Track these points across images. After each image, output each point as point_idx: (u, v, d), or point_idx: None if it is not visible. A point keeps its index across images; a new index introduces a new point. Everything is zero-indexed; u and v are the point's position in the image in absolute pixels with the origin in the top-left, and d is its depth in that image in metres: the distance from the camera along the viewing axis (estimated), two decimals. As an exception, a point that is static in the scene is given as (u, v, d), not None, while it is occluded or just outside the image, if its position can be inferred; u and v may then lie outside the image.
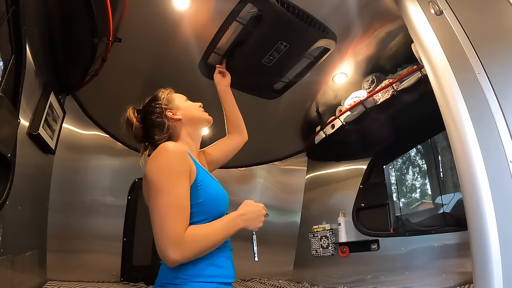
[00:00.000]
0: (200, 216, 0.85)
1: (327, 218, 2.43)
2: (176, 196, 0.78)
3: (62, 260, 1.85)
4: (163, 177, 0.79)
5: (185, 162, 0.84)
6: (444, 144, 2.28)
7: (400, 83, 1.75)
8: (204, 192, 0.86)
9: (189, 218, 0.82)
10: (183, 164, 0.83)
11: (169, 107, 1.03)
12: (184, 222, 0.77)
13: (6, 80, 1.13)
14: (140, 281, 2.13)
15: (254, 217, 0.88)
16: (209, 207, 0.86)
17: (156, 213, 0.77)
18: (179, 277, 0.80)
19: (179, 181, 0.80)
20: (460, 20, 1.11)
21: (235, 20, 1.53)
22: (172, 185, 0.79)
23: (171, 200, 0.77)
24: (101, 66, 1.73)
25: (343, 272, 2.19)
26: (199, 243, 0.78)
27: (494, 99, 0.97)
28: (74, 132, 2.10)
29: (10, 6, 1.09)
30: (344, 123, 2.11)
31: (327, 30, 1.62)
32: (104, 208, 2.18)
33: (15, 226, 1.31)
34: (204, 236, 0.79)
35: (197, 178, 0.86)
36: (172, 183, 0.79)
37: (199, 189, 0.86)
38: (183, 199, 0.79)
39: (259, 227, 0.89)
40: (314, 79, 2.05)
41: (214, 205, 0.88)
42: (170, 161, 0.82)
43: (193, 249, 0.76)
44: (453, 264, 1.56)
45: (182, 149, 0.86)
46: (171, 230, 0.74)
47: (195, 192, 0.84)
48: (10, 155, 1.16)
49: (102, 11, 1.39)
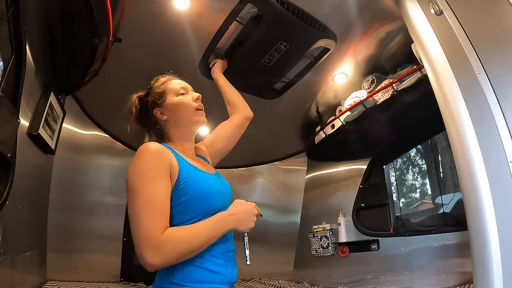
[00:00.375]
0: (189, 214, 0.81)
1: (327, 218, 2.43)
2: (151, 198, 0.74)
3: (62, 260, 1.85)
4: (137, 179, 0.76)
5: (163, 161, 0.80)
6: (444, 144, 2.28)
7: (400, 83, 1.75)
8: (189, 189, 0.82)
9: (178, 217, 0.80)
10: (160, 164, 0.79)
11: (158, 104, 0.96)
12: (160, 222, 0.73)
13: (6, 80, 1.13)
14: (140, 281, 2.13)
15: (244, 217, 0.82)
16: (197, 204, 0.82)
17: (132, 216, 0.74)
18: (173, 282, 0.78)
19: (154, 182, 0.76)
20: (460, 20, 1.11)
21: (235, 20, 1.53)
22: (146, 186, 0.75)
23: (145, 202, 0.73)
24: (101, 66, 1.73)
25: (343, 272, 2.19)
26: (178, 246, 0.72)
27: (494, 99, 0.97)
28: (74, 132, 2.10)
29: (10, 6, 1.09)
30: (344, 123, 2.11)
31: (327, 30, 1.62)
32: (104, 208, 2.18)
33: (15, 226, 1.31)
34: (184, 238, 0.74)
35: (180, 175, 0.82)
36: (146, 185, 0.75)
37: (183, 186, 0.81)
38: (158, 200, 0.75)
39: (250, 228, 0.84)
40: (314, 79, 2.05)
41: (203, 201, 0.83)
42: (145, 162, 0.78)
43: (172, 252, 0.71)
44: (453, 264, 1.56)
45: (160, 148, 0.82)
46: (146, 233, 0.70)
47: (179, 191, 0.81)
48: (10, 155, 1.16)
49: (102, 11, 1.39)
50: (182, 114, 0.95)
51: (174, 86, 0.99)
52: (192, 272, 0.79)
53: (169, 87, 0.99)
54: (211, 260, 0.82)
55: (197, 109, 0.97)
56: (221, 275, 0.82)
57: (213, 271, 0.81)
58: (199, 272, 0.79)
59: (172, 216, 0.79)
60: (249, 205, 0.85)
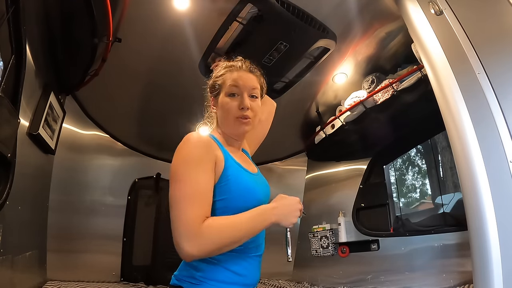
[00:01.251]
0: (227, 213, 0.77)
1: (327, 218, 2.43)
2: (193, 184, 0.71)
3: (62, 260, 1.85)
4: (181, 167, 0.73)
5: (208, 151, 0.77)
6: (444, 144, 2.28)
7: (400, 83, 1.75)
8: (232, 187, 0.78)
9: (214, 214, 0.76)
10: (205, 153, 0.76)
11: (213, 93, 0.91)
12: (202, 211, 0.69)
13: (6, 80, 1.13)
14: (140, 281, 2.14)
15: (288, 211, 0.78)
16: (236, 204, 0.78)
17: (172, 204, 0.70)
18: (195, 277, 0.76)
19: (198, 169, 0.73)
20: (460, 20, 1.11)
21: (235, 20, 1.53)
22: (189, 173, 0.72)
23: (187, 189, 0.70)
24: (101, 66, 1.73)
25: (343, 272, 2.19)
26: (219, 236, 0.69)
27: (494, 99, 0.97)
28: (74, 132, 2.10)
29: (10, 6, 1.09)
30: (344, 123, 2.11)
31: (327, 30, 1.62)
32: (104, 208, 2.18)
33: (15, 226, 1.31)
34: (225, 228, 0.70)
35: (225, 172, 0.78)
36: (189, 172, 0.72)
37: (225, 183, 0.78)
38: (201, 187, 0.71)
39: (293, 223, 0.79)
40: (314, 79, 2.05)
41: (242, 201, 0.79)
42: (191, 150, 0.75)
43: (211, 243, 0.68)
44: (453, 264, 1.56)
45: (205, 139, 0.78)
46: (186, 221, 0.67)
47: (221, 187, 0.77)
48: (10, 155, 1.16)
49: (102, 11, 1.39)
50: (225, 118, 0.88)
51: (230, 82, 0.87)
52: (217, 271, 0.77)
53: (226, 81, 0.88)
54: (238, 262, 0.80)
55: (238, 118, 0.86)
56: (244, 277, 0.81)
57: (237, 273, 0.79)
58: (224, 272, 0.77)
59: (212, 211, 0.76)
60: (293, 200, 0.81)
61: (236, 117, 0.85)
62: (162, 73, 1.93)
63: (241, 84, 0.87)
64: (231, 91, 0.86)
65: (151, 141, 2.49)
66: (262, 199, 0.86)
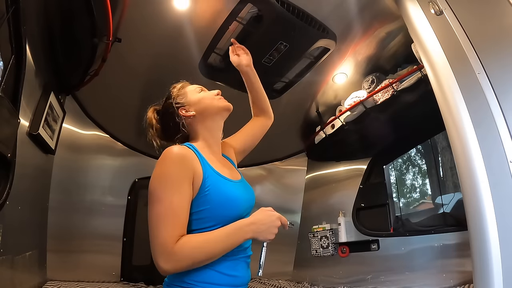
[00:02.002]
0: (209, 222, 0.81)
1: (327, 218, 2.43)
2: (168, 205, 0.75)
3: (62, 260, 1.85)
4: (158, 186, 0.77)
5: (184, 167, 0.80)
6: (444, 144, 2.28)
7: (400, 83, 1.75)
8: (212, 197, 0.81)
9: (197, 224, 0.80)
10: (184, 171, 0.79)
11: (181, 104, 0.98)
12: (175, 231, 0.74)
13: (6, 80, 1.13)
14: (140, 281, 2.13)
15: (265, 228, 0.79)
16: (218, 213, 0.81)
17: (150, 222, 0.76)
18: (185, 281, 0.79)
19: (173, 189, 0.76)
20: (460, 20, 1.11)
21: (235, 20, 1.53)
22: (164, 194, 0.76)
23: (163, 209, 0.75)
24: (101, 66, 1.73)
25: (343, 272, 2.19)
26: (192, 253, 0.73)
27: (494, 99, 0.97)
28: (74, 132, 2.10)
29: (10, 6, 1.09)
30: (344, 123, 2.11)
31: (327, 30, 1.62)
32: (104, 208, 2.18)
33: (15, 226, 1.31)
34: (199, 246, 0.74)
35: (204, 183, 0.81)
36: (164, 192, 0.76)
37: (206, 194, 0.81)
38: (176, 208, 0.75)
39: (269, 239, 0.81)
40: (314, 79, 2.05)
41: (224, 210, 0.82)
42: (168, 168, 0.79)
43: (185, 260, 0.73)
44: (453, 264, 1.56)
45: (182, 153, 0.82)
46: (160, 240, 0.72)
47: (201, 198, 0.80)
48: (10, 155, 1.16)
49: (102, 11, 1.39)
50: (207, 103, 0.97)
51: (193, 87, 1.02)
52: (206, 273, 0.79)
53: (188, 88, 1.02)
54: (227, 264, 0.81)
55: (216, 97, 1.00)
56: (233, 277, 0.83)
57: (226, 274, 0.81)
58: (213, 274, 0.79)
59: (191, 222, 0.80)
60: (272, 216, 0.81)
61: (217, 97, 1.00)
62: (162, 73, 1.93)
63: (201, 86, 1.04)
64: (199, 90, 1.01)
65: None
66: (245, 205, 0.89)
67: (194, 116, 0.96)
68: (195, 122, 0.97)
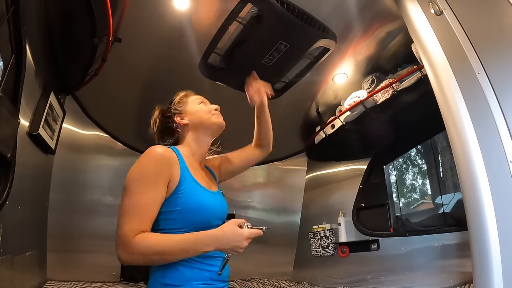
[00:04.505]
0: (177, 224, 0.83)
1: (327, 218, 2.43)
2: (138, 200, 0.78)
3: (62, 260, 1.85)
4: (133, 180, 0.80)
5: (164, 168, 0.83)
6: (444, 144, 2.28)
7: (400, 83, 1.75)
8: (184, 200, 0.84)
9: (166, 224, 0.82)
10: (161, 170, 0.82)
11: (178, 111, 1.03)
12: (138, 226, 0.76)
13: (6, 80, 1.13)
14: (140, 281, 2.13)
15: (229, 247, 0.77)
16: (186, 217, 0.83)
17: (119, 212, 0.78)
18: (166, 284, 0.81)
19: (148, 186, 0.79)
20: (460, 20, 1.11)
21: (235, 20, 1.53)
22: (136, 189, 0.79)
23: (132, 203, 0.78)
24: (101, 66, 1.73)
25: (343, 272, 2.19)
26: (145, 251, 0.75)
27: (494, 99, 0.97)
28: (74, 132, 2.10)
29: (10, 6, 1.09)
30: (344, 123, 2.11)
31: (327, 30, 1.62)
32: (104, 208, 2.18)
33: (15, 226, 1.31)
34: (155, 246, 0.76)
35: (179, 185, 0.84)
36: (136, 187, 0.79)
37: (179, 196, 0.83)
38: (145, 204, 0.78)
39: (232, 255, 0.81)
40: (314, 79, 2.05)
41: (193, 215, 0.84)
42: (147, 165, 0.82)
43: (139, 254, 0.75)
44: (453, 264, 1.56)
45: (165, 153, 0.85)
46: (122, 231, 0.75)
47: (173, 200, 0.83)
48: (10, 155, 1.16)
49: (102, 11, 1.39)
50: (202, 117, 1.01)
51: (194, 98, 1.07)
52: (184, 272, 0.81)
53: (190, 98, 1.07)
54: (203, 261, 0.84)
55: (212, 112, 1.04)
56: (213, 272, 0.85)
57: (205, 270, 0.84)
58: (191, 271, 0.82)
59: (159, 221, 0.82)
60: (238, 236, 0.77)
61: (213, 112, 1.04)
62: (162, 73, 1.93)
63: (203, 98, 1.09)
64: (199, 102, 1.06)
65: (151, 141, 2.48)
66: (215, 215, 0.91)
67: (187, 125, 1.02)
68: (186, 131, 1.02)
